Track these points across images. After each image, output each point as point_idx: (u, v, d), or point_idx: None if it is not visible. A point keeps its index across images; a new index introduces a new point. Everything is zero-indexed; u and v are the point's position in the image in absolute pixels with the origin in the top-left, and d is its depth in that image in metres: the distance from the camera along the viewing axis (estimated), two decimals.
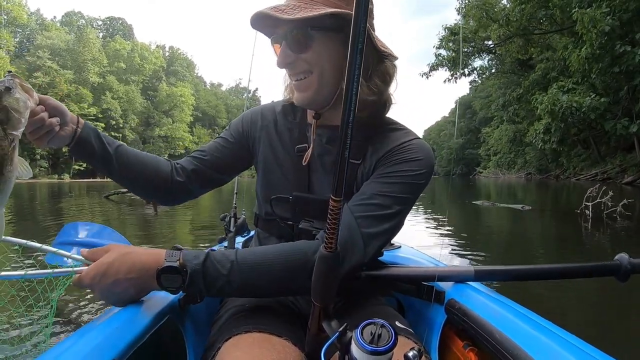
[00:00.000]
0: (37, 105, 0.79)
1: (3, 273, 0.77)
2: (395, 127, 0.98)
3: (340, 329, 0.59)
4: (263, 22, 0.89)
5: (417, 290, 1.01)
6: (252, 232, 1.33)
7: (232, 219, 1.71)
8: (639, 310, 2.53)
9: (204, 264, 0.76)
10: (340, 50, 0.88)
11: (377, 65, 0.91)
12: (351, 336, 0.57)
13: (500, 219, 8.60)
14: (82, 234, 1.13)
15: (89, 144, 0.90)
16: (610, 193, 7.00)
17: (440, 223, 7.12)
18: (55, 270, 0.80)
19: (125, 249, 0.80)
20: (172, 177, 1.03)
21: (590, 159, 27.94)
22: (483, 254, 4.52)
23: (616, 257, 0.90)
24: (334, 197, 0.62)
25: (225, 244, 1.55)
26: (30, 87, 0.77)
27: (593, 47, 17.13)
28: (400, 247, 1.38)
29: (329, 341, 0.59)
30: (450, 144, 76.78)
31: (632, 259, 0.89)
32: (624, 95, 20.58)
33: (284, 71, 0.99)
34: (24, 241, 0.81)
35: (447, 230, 6.37)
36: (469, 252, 4.58)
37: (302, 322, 0.83)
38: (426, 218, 8.04)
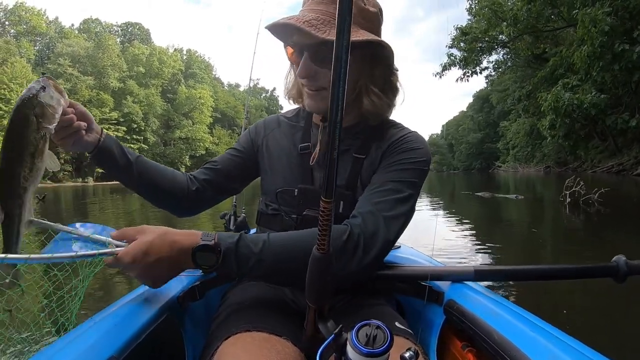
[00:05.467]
0: (68, 107, 0.85)
1: (34, 256, 0.75)
2: (394, 125, 1.05)
3: (336, 330, 0.58)
4: (286, 30, 0.90)
5: (417, 290, 1.01)
6: (253, 231, 1.35)
7: (232, 217, 1.73)
8: (636, 311, 2.47)
9: (237, 243, 0.79)
10: (358, 65, 0.93)
11: (390, 80, 0.99)
12: (347, 338, 0.56)
13: (494, 206, 9.92)
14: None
15: (111, 152, 0.96)
16: (582, 183, 8.68)
17: (443, 215, 7.92)
18: (99, 251, 0.78)
19: (161, 229, 0.81)
20: (188, 187, 1.09)
21: (607, 151, 27.10)
22: (474, 239, 5.18)
23: (613, 259, 0.90)
24: (324, 199, 0.61)
25: None
26: (62, 89, 0.83)
27: (594, 45, 17.12)
28: (400, 247, 1.36)
29: (325, 343, 0.59)
30: (470, 138, 75.66)
31: (629, 261, 0.89)
32: (627, 91, 20.52)
33: (288, 71, 1.05)
34: (53, 224, 0.82)
35: (448, 220, 7.08)
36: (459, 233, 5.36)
37: (303, 321, 0.84)
38: (430, 209, 9.07)
